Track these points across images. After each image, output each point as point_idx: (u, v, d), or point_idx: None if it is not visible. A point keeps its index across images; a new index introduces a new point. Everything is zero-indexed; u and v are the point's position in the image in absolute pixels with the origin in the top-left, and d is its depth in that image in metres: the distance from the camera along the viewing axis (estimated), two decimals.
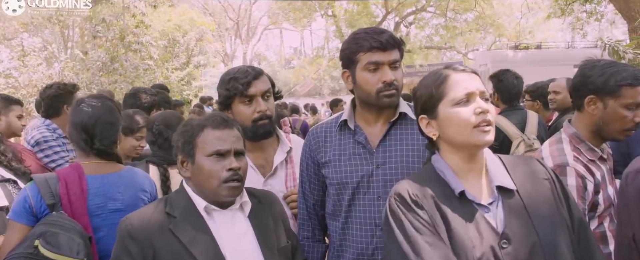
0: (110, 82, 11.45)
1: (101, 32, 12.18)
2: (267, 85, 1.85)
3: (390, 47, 1.54)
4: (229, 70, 1.89)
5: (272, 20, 31.26)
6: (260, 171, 1.89)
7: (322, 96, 32.15)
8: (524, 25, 20.89)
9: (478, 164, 1.24)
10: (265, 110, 1.81)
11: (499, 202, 1.20)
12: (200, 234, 1.37)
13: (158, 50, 13.52)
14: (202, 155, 1.41)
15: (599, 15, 11.08)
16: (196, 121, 1.46)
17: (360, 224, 1.63)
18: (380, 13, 20.62)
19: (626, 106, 1.60)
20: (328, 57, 24.46)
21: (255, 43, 34.62)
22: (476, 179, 1.23)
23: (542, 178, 1.24)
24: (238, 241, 1.43)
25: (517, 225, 1.16)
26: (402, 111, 1.64)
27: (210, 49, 18.55)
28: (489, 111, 1.16)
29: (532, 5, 17.79)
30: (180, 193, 1.47)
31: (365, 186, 1.62)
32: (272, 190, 1.84)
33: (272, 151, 1.93)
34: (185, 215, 1.39)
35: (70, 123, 1.83)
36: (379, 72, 1.56)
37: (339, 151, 1.69)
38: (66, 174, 1.74)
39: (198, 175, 1.42)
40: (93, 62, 11.97)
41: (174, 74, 13.77)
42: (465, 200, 1.18)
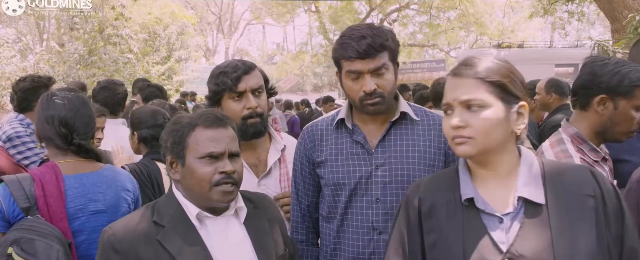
0: (88, 76, 11.15)
1: (79, 24, 11.86)
2: (259, 81, 1.75)
3: (372, 55, 1.46)
4: (220, 64, 1.79)
5: (254, 15, 31.00)
6: (253, 171, 1.79)
7: (304, 92, 32.08)
8: (506, 24, 21.18)
9: (500, 170, 1.12)
10: (255, 108, 1.71)
11: (518, 215, 1.07)
12: (191, 245, 1.25)
13: (138, 44, 13.25)
14: (193, 157, 1.28)
15: (580, 15, 11.25)
16: (187, 119, 1.32)
17: (356, 227, 1.56)
18: (364, 10, 20.64)
19: (636, 107, 1.57)
20: (311, 53, 24.37)
21: (238, 38, 34.32)
22: (499, 186, 1.11)
23: (585, 194, 1.07)
24: (233, 250, 1.31)
25: (532, 245, 1.03)
26: (403, 110, 1.58)
27: (191, 43, 18.28)
28: (460, 126, 1.08)
29: (515, 4, 18.04)
30: (169, 199, 1.34)
31: (363, 188, 1.55)
32: (267, 191, 1.76)
33: (264, 150, 1.84)
34: (174, 225, 1.26)
35: (43, 118, 1.68)
36: (360, 80, 1.50)
37: (335, 150, 1.61)
38: (41, 174, 1.59)
39: (188, 179, 1.29)
40: (70, 54, 11.66)
41: (155, 68, 13.52)
42: (472, 209, 1.09)
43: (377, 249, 1.53)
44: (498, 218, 1.07)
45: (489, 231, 1.07)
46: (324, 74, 32.23)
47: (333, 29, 20.45)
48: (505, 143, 1.10)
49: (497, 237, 1.06)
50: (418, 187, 1.22)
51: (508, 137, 1.10)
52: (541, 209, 1.06)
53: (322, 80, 34.58)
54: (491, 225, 1.07)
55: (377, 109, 1.53)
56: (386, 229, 1.51)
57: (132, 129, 2.34)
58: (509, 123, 1.09)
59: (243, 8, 32.86)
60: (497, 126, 1.07)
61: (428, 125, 1.60)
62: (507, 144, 1.11)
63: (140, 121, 2.32)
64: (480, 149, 1.08)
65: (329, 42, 21.05)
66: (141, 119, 2.33)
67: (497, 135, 1.07)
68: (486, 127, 1.06)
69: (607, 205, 1.07)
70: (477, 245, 1.07)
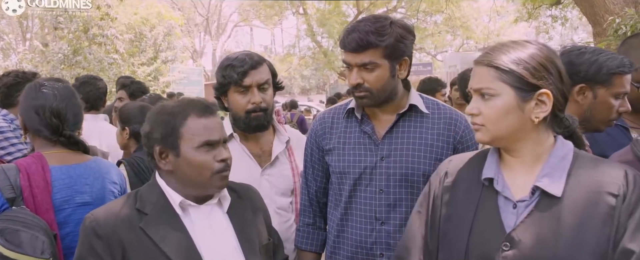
0: (72, 76, 10.99)
1: (63, 23, 11.69)
2: (266, 76, 1.76)
3: (358, 50, 1.47)
4: (229, 56, 1.80)
5: (242, 17, 30.94)
6: (257, 160, 1.80)
7: (292, 95, 32.04)
8: (492, 29, 21.47)
9: (526, 157, 1.11)
10: (259, 103, 1.73)
11: (533, 203, 1.07)
12: (173, 232, 1.25)
13: (124, 44, 13.11)
14: (190, 147, 1.27)
15: (564, 20, 11.45)
16: (176, 108, 1.30)
17: (360, 217, 1.58)
18: (351, 13, 20.71)
19: (615, 95, 1.56)
20: (299, 56, 24.37)
21: (225, 40, 34.13)
22: (524, 172, 1.11)
23: (607, 191, 1.03)
24: (216, 238, 1.32)
25: (534, 233, 1.04)
26: (412, 103, 1.58)
27: (178, 44, 18.12)
28: (473, 114, 1.11)
29: (500, 9, 18.29)
30: (152, 187, 1.33)
31: (367, 178, 1.57)
32: (270, 181, 1.78)
33: (268, 141, 1.85)
34: (157, 212, 1.27)
35: (30, 108, 1.64)
36: (350, 73, 1.53)
37: (343, 139, 1.64)
38: (27, 164, 1.56)
39: (185, 169, 1.29)
40: (54, 54, 11.49)
41: (141, 69, 13.39)
42: (491, 190, 1.11)
43: (379, 239, 1.55)
44: (513, 203, 1.08)
45: (500, 213, 1.08)
46: (311, 77, 32.26)
47: (321, 31, 20.48)
48: (523, 131, 1.08)
49: (505, 221, 1.07)
50: (450, 161, 1.26)
51: (525, 125, 1.08)
52: (556, 201, 1.04)
53: (310, 82, 34.59)
54: (505, 208, 1.09)
55: (362, 102, 1.55)
56: (389, 219, 1.54)
57: (122, 124, 2.33)
58: (524, 112, 1.07)
59: (231, 10, 32.86)
60: (507, 115, 1.07)
61: (438, 118, 1.59)
62: (527, 132, 1.09)
63: (130, 117, 2.32)
64: (493, 137, 1.09)
65: (316, 44, 21.09)
66: (131, 114, 2.33)
67: (509, 124, 1.07)
68: (494, 116, 1.07)
69: (624, 204, 1.02)
70: (485, 225, 1.09)
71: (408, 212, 1.49)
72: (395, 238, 1.52)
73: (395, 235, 1.53)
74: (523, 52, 1.07)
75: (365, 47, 1.47)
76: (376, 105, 1.57)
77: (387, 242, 1.55)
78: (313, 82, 34.23)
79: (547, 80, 1.07)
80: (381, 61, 1.49)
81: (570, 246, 1.01)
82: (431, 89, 3.75)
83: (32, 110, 1.64)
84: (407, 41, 1.52)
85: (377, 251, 1.56)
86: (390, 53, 1.49)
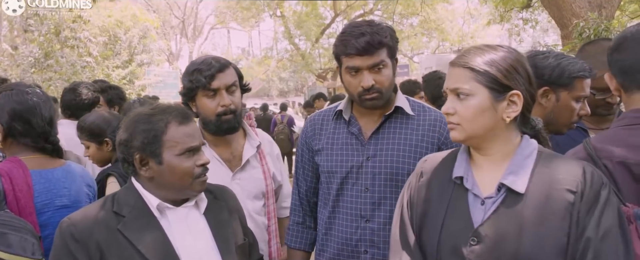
0: (43, 80, 10.73)
1: (33, 25, 11.40)
2: (233, 78, 1.78)
3: (370, 52, 1.52)
4: (194, 61, 1.82)
5: (219, 20, 30.67)
6: (228, 165, 1.82)
7: (270, 97, 31.93)
8: (466, 31, 21.89)
9: (495, 155, 1.17)
10: (229, 105, 1.74)
11: (499, 199, 1.12)
12: (151, 234, 1.27)
13: (98, 47, 12.86)
14: (172, 155, 1.29)
15: (534, 23, 11.78)
16: (156, 116, 1.31)
17: (346, 215, 1.64)
18: (328, 15, 20.82)
19: (576, 98, 1.62)
20: (276, 58, 24.34)
21: (202, 42, 33.80)
22: (491, 170, 1.17)
23: (565, 188, 1.08)
24: (193, 239, 1.35)
25: (499, 228, 1.09)
26: (398, 105, 1.63)
27: (154, 47, 17.88)
28: (448, 113, 1.17)
29: (474, 12, 18.68)
30: (129, 190, 1.35)
31: (353, 177, 1.63)
32: (242, 185, 1.80)
33: (238, 145, 1.87)
34: (135, 214, 1.28)
35: (16, 113, 1.61)
36: (359, 76, 1.56)
37: (332, 140, 1.70)
38: (9, 169, 1.56)
39: (168, 175, 1.31)
40: (24, 57, 11.19)
41: (115, 72, 13.15)
42: (461, 188, 1.17)
43: (364, 236, 1.61)
44: (481, 199, 1.14)
45: (469, 209, 1.14)
46: (289, 79, 32.25)
47: (298, 33, 20.52)
48: (495, 130, 1.14)
49: (474, 217, 1.13)
50: (425, 161, 1.32)
51: (497, 125, 1.14)
52: (520, 198, 1.09)
53: (288, 85, 34.55)
54: (474, 204, 1.14)
55: (374, 104, 1.60)
56: (373, 217, 1.60)
57: (98, 137, 2.16)
58: (497, 111, 1.12)
59: (207, 12, 32.55)
60: (482, 114, 1.12)
61: (423, 120, 1.65)
62: (498, 131, 1.15)
63: (108, 129, 2.16)
64: (468, 135, 1.14)
65: (294, 47, 21.11)
66: (102, 125, 2.18)
67: (483, 123, 1.12)
68: (470, 115, 1.12)
69: (582, 201, 1.06)
70: (455, 221, 1.15)
71: (392, 210, 1.55)
72: (379, 235, 1.59)
73: (379, 232, 1.60)
74: (496, 55, 1.13)
75: (376, 48, 1.52)
76: (382, 106, 1.62)
77: (371, 239, 1.61)
78: (291, 85, 34.22)
79: (517, 81, 1.13)
80: (387, 60, 1.56)
81: (532, 241, 1.06)
82: (409, 91, 3.84)
83: (19, 116, 1.61)
84: (397, 41, 1.61)
85: (362, 248, 1.61)
86: (392, 53, 1.58)
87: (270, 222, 1.86)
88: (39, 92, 1.69)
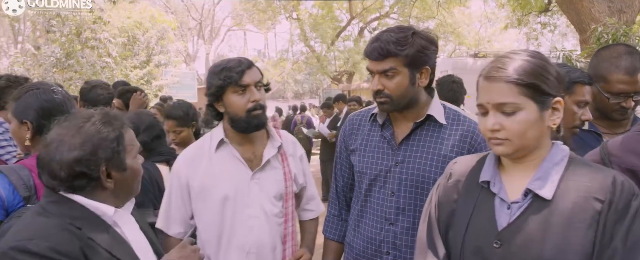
0: (64, 79, 10.98)
1: (56, 26, 11.68)
2: (259, 76, 1.80)
3: (379, 58, 1.55)
4: (218, 62, 1.84)
5: (235, 22, 30.95)
6: (249, 165, 1.82)
7: (285, 99, 32.05)
8: (483, 35, 21.67)
9: (527, 161, 1.16)
10: (259, 100, 1.76)
11: (525, 204, 1.12)
12: (114, 239, 1.24)
13: (117, 48, 13.10)
14: (131, 158, 1.30)
15: (553, 27, 11.62)
16: (110, 124, 1.25)
17: (372, 215, 1.68)
18: (344, 18, 20.82)
19: (577, 103, 1.66)
20: (292, 60, 24.42)
21: (219, 44, 34.15)
22: (521, 175, 1.16)
23: (594, 197, 1.06)
24: (141, 237, 1.37)
25: (523, 233, 1.09)
26: (430, 113, 1.64)
27: (171, 48, 18.13)
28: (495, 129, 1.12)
29: (491, 15, 18.49)
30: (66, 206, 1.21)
31: (382, 180, 1.66)
32: (260, 185, 1.80)
33: (261, 145, 1.87)
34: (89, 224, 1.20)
35: (43, 110, 1.64)
36: (373, 79, 1.61)
37: (366, 141, 1.74)
38: (35, 164, 1.58)
39: (130, 179, 1.30)
40: (46, 57, 11.46)
41: (133, 72, 13.37)
42: (489, 191, 1.18)
43: (387, 238, 1.65)
44: (507, 204, 1.14)
45: (495, 213, 1.14)
46: (305, 81, 32.33)
47: (314, 36, 20.56)
48: (541, 139, 1.14)
49: (499, 220, 1.13)
50: (455, 163, 1.33)
51: (544, 133, 1.14)
52: (547, 204, 1.08)
53: (303, 87, 34.64)
54: (500, 208, 1.15)
55: (383, 107, 1.63)
56: (397, 221, 1.63)
57: None
58: (544, 121, 1.12)
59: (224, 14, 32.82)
60: (532, 127, 1.10)
61: (455, 130, 1.63)
62: (542, 139, 1.14)
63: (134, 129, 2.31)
64: (517, 149, 1.12)
65: (309, 49, 21.16)
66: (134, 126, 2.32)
67: (533, 135, 1.11)
68: (521, 130, 1.10)
69: (610, 210, 1.05)
70: (479, 224, 1.16)
71: (416, 216, 1.59)
72: (401, 239, 1.63)
73: (402, 236, 1.63)
74: (531, 63, 1.11)
75: (385, 56, 1.54)
76: (396, 110, 1.64)
77: (393, 242, 1.64)
78: (306, 87, 34.29)
79: (556, 87, 1.13)
80: (401, 69, 1.56)
81: (556, 247, 1.05)
82: None
83: (47, 114, 1.63)
84: (428, 51, 1.57)
85: (384, 249, 1.65)
86: (410, 62, 1.55)
87: (287, 225, 1.85)
88: (62, 90, 1.73)
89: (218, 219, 1.77)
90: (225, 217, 1.77)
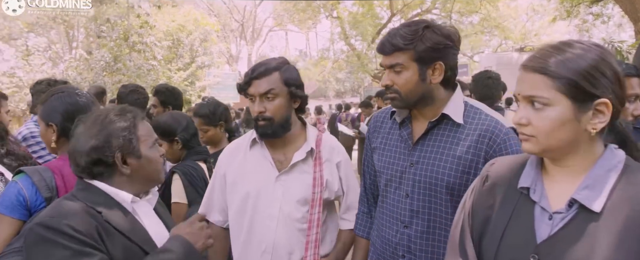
0: (113, 82, 11.48)
1: (105, 32, 12.23)
2: (270, 85, 1.73)
3: (388, 52, 1.51)
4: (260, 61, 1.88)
5: (277, 22, 31.30)
6: (277, 166, 1.81)
7: (327, 98, 32.11)
8: (530, 28, 20.80)
9: (573, 168, 1.02)
10: (260, 112, 1.74)
11: (568, 216, 0.98)
12: (132, 224, 1.34)
13: (162, 51, 13.57)
14: (146, 147, 1.40)
15: (606, 18, 10.96)
16: (124, 115, 1.39)
17: (389, 217, 1.63)
18: (385, 15, 20.56)
19: (627, 97, 1.56)
20: (333, 59, 24.41)
21: (260, 44, 34.68)
22: (567, 181, 1.02)
23: None
24: (161, 228, 1.45)
25: (565, 248, 0.96)
26: (445, 112, 1.56)
27: (214, 49, 18.61)
28: (521, 123, 1.02)
29: (538, 7, 17.70)
30: (91, 191, 1.33)
31: (397, 181, 1.61)
32: (284, 187, 1.78)
33: (294, 148, 1.83)
34: (109, 209, 1.31)
35: (68, 113, 1.68)
36: (384, 75, 1.57)
37: (386, 139, 1.69)
38: (60, 165, 1.62)
39: (147, 167, 1.40)
40: (97, 61, 12.01)
41: (177, 74, 13.80)
42: (526, 198, 1.05)
43: (402, 241, 1.58)
44: (549, 214, 1.01)
45: (534, 223, 1.02)
46: (346, 80, 32.24)
47: (354, 34, 20.45)
48: (576, 143, 0.99)
49: (538, 231, 1.01)
50: (492, 164, 1.20)
51: (580, 137, 0.98)
52: (595, 217, 0.94)
53: (345, 85, 34.57)
54: (540, 218, 1.02)
55: (393, 104, 1.59)
56: (411, 224, 1.57)
57: (169, 136, 2.37)
58: (580, 122, 0.97)
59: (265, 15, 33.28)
60: (562, 127, 0.97)
61: (474, 129, 1.53)
62: (580, 144, 0.99)
63: (178, 127, 2.39)
64: (544, 148, 1.01)
65: (350, 47, 21.07)
66: (173, 125, 2.39)
67: (563, 136, 0.98)
68: (547, 128, 0.98)
69: None
70: (516, 234, 1.04)
71: (430, 220, 1.52)
72: (415, 243, 1.56)
73: (416, 240, 1.56)
74: (579, 57, 0.96)
75: (391, 50, 1.50)
76: (406, 107, 1.58)
77: (408, 245, 1.57)
78: (348, 85, 34.19)
79: (605, 87, 0.96)
80: (409, 64, 1.50)
81: None
82: None
83: (71, 116, 1.65)
84: (441, 46, 1.49)
85: (400, 252, 1.60)
86: (420, 57, 1.49)
87: (310, 231, 1.78)
88: (86, 93, 1.78)
89: (240, 214, 1.81)
90: (246, 213, 1.79)
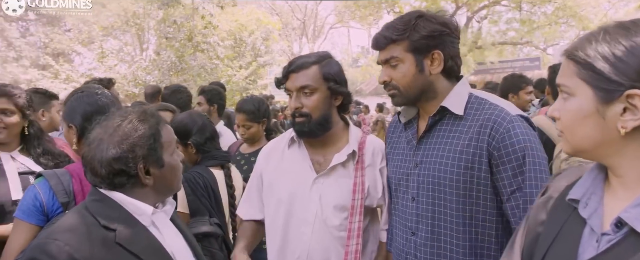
0: (179, 81, 11.94)
1: (172, 33, 12.75)
2: (308, 80, 1.61)
3: (382, 46, 1.46)
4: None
5: (338, 19, 31.27)
6: (316, 168, 1.69)
7: None
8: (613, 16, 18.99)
9: (627, 178, 0.84)
10: (296, 108, 1.63)
11: (616, 239, 0.80)
12: (147, 242, 1.22)
13: (225, 50, 13.95)
14: (169, 154, 1.29)
15: None
16: (147, 121, 1.25)
17: (399, 224, 1.54)
18: (450, 8, 19.77)
19: None
20: None
21: (322, 42, 34.80)
22: (625, 197, 0.83)
23: None
24: (180, 240, 1.35)
25: None
26: (443, 105, 1.43)
27: (276, 48, 18.87)
28: (554, 116, 0.90)
29: None
30: (104, 203, 1.23)
31: (404, 185, 1.51)
32: (321, 190, 1.64)
33: (334, 150, 1.69)
34: (124, 226, 1.20)
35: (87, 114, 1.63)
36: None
37: (394, 144, 1.62)
38: (79, 169, 1.59)
39: (167, 176, 1.29)
40: (163, 62, 12.58)
41: (239, 73, 14.13)
42: (578, 214, 0.88)
43: (410, 249, 1.47)
44: (598, 234, 0.83)
45: (580, 244, 0.85)
46: None
47: None
48: (611, 144, 0.82)
49: (583, 254, 0.84)
50: (558, 174, 1.04)
51: (610, 136, 0.81)
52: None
53: None
54: (588, 239, 0.85)
55: (394, 101, 1.49)
56: (418, 230, 1.45)
57: (182, 139, 2.17)
58: (605, 118, 0.81)
59: (327, 12, 33.38)
60: (583, 121, 0.83)
61: (475, 121, 1.38)
62: (619, 146, 0.82)
63: (193, 129, 2.20)
64: (573, 147, 0.87)
65: None
66: (189, 125, 2.21)
67: (586, 133, 0.83)
68: (569, 121, 0.85)
69: None
70: (560, 252, 0.89)
71: (435, 225, 1.40)
72: (421, 251, 1.44)
73: (421, 248, 1.44)
74: (623, 40, 0.79)
75: (385, 44, 1.45)
76: (409, 103, 1.50)
77: (415, 254, 1.45)
78: None
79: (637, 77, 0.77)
80: (404, 56, 1.43)
81: None
82: (514, 86, 3.36)
83: (91, 117, 1.62)
84: (436, 33, 1.41)
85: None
86: (415, 47, 1.42)
87: (350, 241, 1.60)
88: (107, 93, 1.73)
89: (275, 219, 1.71)
90: (280, 216, 1.69)
